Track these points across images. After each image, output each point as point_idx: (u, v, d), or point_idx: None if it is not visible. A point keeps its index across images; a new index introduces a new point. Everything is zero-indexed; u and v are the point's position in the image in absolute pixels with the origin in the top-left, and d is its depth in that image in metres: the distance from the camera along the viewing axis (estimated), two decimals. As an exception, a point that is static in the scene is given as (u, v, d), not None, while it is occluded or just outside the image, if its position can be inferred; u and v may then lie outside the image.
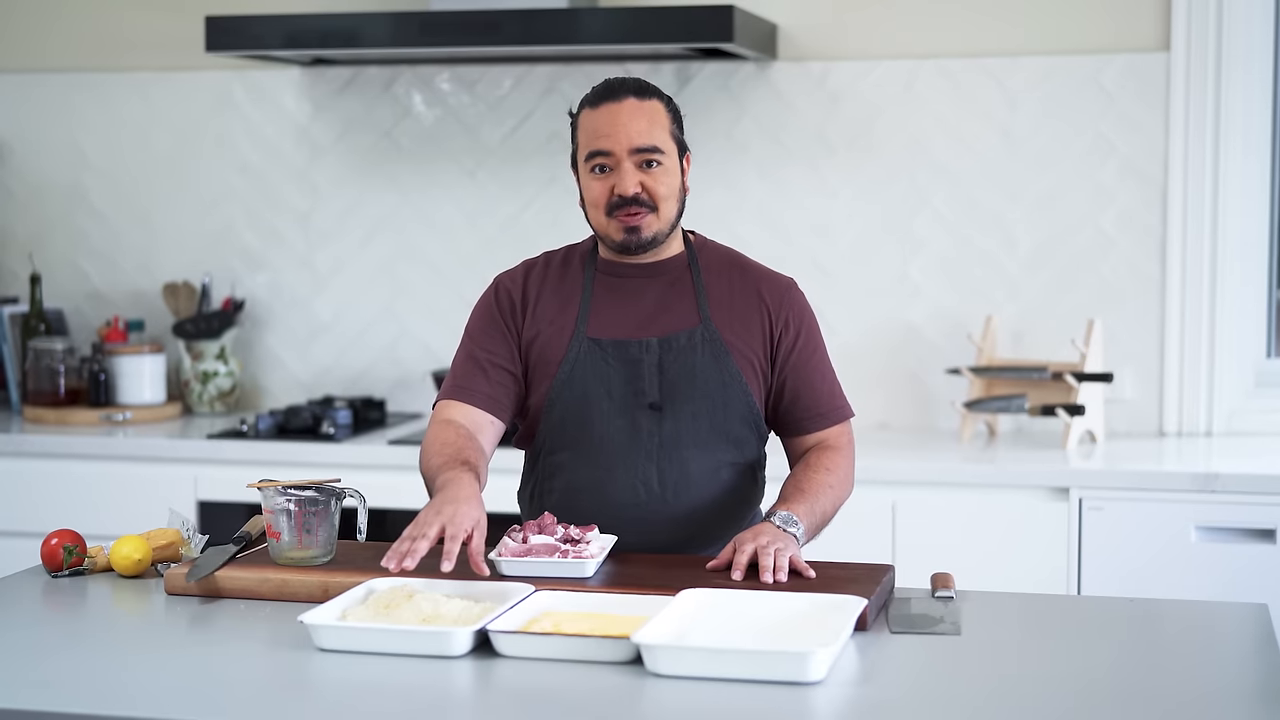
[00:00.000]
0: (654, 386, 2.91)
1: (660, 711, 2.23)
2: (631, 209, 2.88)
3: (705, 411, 2.91)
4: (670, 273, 2.98)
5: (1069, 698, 2.25)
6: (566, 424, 2.94)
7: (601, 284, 2.99)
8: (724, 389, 2.91)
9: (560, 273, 3.02)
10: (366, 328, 5.00)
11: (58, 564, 2.89)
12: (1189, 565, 3.91)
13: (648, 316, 2.94)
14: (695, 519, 2.93)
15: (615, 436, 2.92)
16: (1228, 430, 4.50)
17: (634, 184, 2.87)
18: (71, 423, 4.76)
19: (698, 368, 2.90)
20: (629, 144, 2.86)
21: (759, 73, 4.69)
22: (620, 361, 2.92)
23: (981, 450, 4.31)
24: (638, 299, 2.96)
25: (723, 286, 2.97)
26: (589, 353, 2.93)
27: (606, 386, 2.92)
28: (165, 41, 5.03)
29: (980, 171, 4.60)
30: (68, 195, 5.16)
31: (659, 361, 2.90)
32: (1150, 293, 4.52)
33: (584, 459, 2.94)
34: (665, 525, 2.92)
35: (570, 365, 2.93)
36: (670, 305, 2.89)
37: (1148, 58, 4.47)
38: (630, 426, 2.91)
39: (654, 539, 2.91)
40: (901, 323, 4.66)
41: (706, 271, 2.98)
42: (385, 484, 4.19)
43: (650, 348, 2.92)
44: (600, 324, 2.95)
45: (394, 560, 2.61)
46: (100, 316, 5.12)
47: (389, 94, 4.92)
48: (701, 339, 2.92)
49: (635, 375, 2.92)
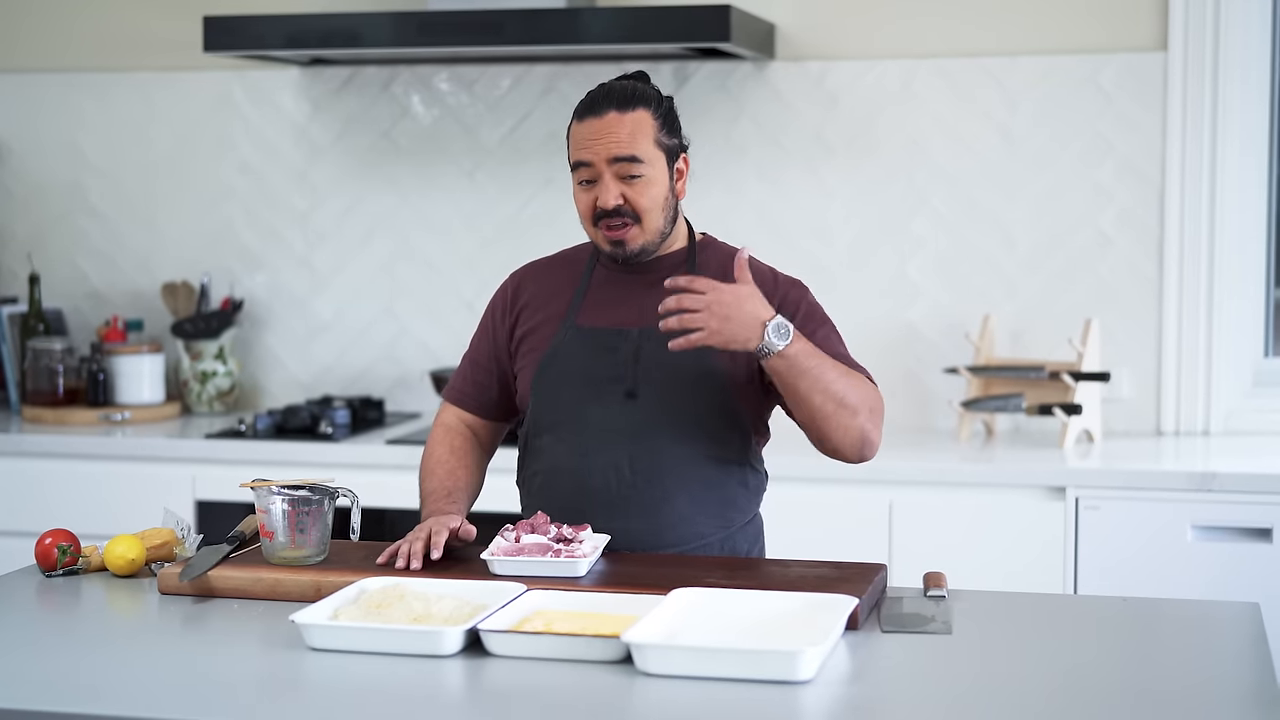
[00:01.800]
0: (630, 374, 2.93)
1: (650, 710, 2.23)
2: (613, 221, 2.90)
3: (677, 401, 2.91)
4: (666, 268, 2.99)
5: (1057, 696, 2.25)
6: (548, 408, 2.99)
7: (600, 276, 3.03)
8: (698, 380, 2.91)
9: (566, 267, 3.08)
10: (365, 328, 5.01)
11: (51, 563, 2.90)
12: (1185, 564, 3.91)
13: (636, 308, 2.96)
14: (668, 509, 2.92)
15: (591, 421, 2.94)
16: (1225, 430, 4.50)
17: (614, 196, 2.88)
18: (70, 422, 4.77)
19: (671, 357, 2.89)
20: (607, 154, 2.87)
21: (757, 73, 4.69)
22: (600, 349, 2.95)
23: (979, 450, 4.31)
24: (629, 292, 2.99)
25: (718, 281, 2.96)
26: (573, 339, 2.97)
27: (586, 372, 2.95)
28: (164, 42, 5.03)
29: (978, 171, 4.60)
30: (67, 195, 5.17)
31: (636, 350, 2.92)
32: (1148, 292, 4.52)
33: (563, 443, 2.97)
34: (637, 512, 2.92)
35: (554, 350, 2.98)
36: (658, 298, 2.90)
37: (1145, 57, 4.47)
38: (605, 413, 2.94)
39: (628, 525, 2.91)
40: (900, 322, 4.66)
41: (704, 268, 2.98)
42: (382, 483, 4.21)
43: (629, 337, 2.94)
44: (590, 314, 2.99)
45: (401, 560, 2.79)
46: (99, 316, 5.13)
47: (387, 94, 4.93)
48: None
49: (613, 363, 2.94)
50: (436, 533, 2.81)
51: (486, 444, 3.15)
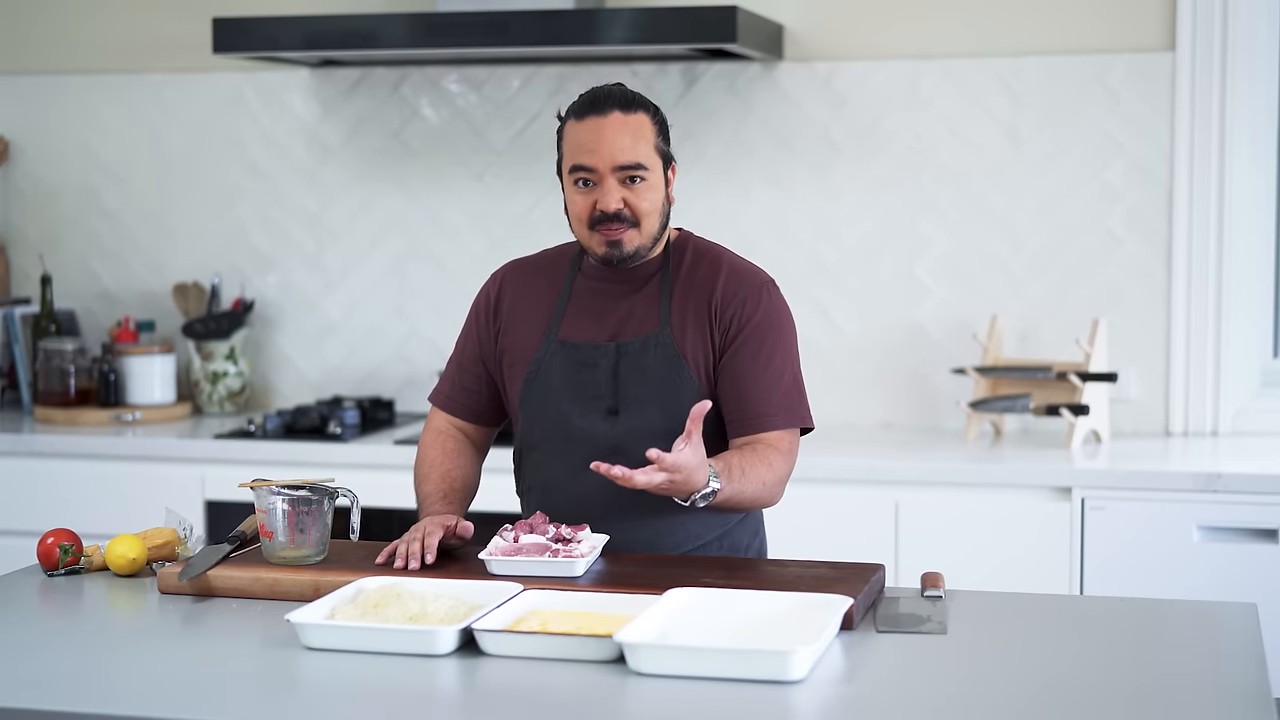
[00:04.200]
0: (610, 390, 2.92)
1: (642, 710, 2.24)
2: (613, 225, 2.89)
3: (658, 415, 2.90)
4: (644, 278, 2.98)
5: (1045, 696, 2.25)
6: (536, 424, 2.99)
7: (581, 287, 3.01)
8: (677, 393, 2.90)
9: (546, 273, 3.06)
10: (375, 328, 5.03)
11: (53, 563, 2.91)
12: (1191, 565, 3.91)
13: (616, 321, 2.96)
14: (663, 517, 2.92)
15: (578, 438, 2.94)
16: (1234, 430, 4.49)
17: (616, 200, 2.87)
18: (81, 423, 4.79)
19: (649, 372, 2.90)
20: (612, 161, 2.86)
21: (765, 73, 4.70)
22: (580, 365, 2.95)
23: (985, 450, 4.31)
24: (609, 303, 2.98)
25: (688, 287, 2.96)
26: (556, 354, 2.97)
27: (569, 389, 2.95)
28: (176, 43, 5.05)
29: (986, 172, 4.60)
30: (79, 196, 5.19)
31: (615, 366, 2.92)
32: (1156, 293, 4.51)
33: (553, 459, 2.98)
34: (633, 523, 2.92)
35: (537, 365, 2.98)
36: (637, 310, 2.90)
37: (1153, 58, 4.47)
38: (590, 428, 2.93)
39: (624, 536, 2.91)
40: (907, 322, 4.66)
41: (677, 273, 2.97)
42: (390, 483, 4.22)
43: (607, 352, 2.94)
44: (571, 327, 2.98)
45: (399, 560, 2.81)
46: (111, 317, 5.15)
47: (397, 95, 4.94)
48: (656, 343, 2.91)
49: (593, 379, 2.94)
50: (430, 534, 2.81)
51: (479, 444, 3.15)
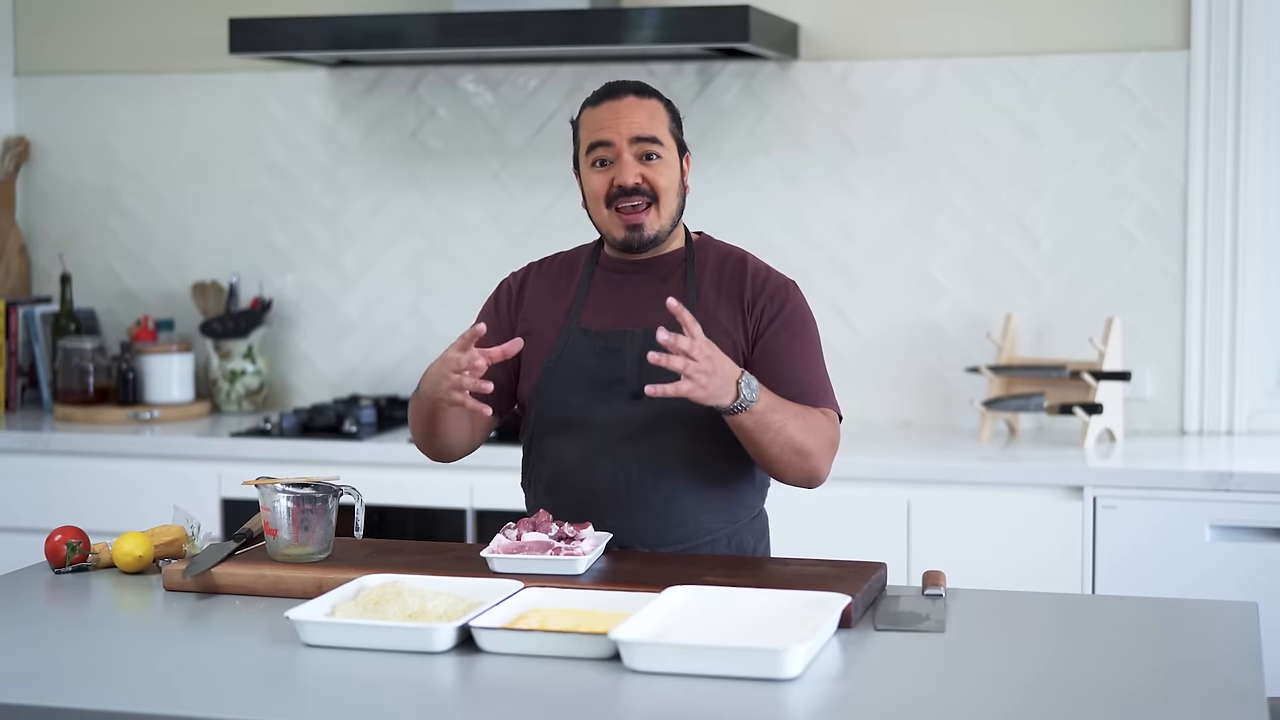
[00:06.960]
0: (634, 375, 2.93)
1: (637, 707, 2.25)
2: (632, 199, 2.92)
3: (683, 401, 2.91)
4: (666, 268, 3.01)
5: (1039, 693, 2.25)
6: (553, 409, 2.99)
7: (600, 278, 3.05)
8: None
9: (564, 269, 3.10)
10: (393, 326, 5.04)
11: (61, 560, 2.94)
12: (1202, 564, 3.90)
13: (638, 309, 2.98)
14: (675, 507, 2.94)
15: (597, 422, 2.95)
16: (1249, 429, 4.48)
17: (634, 174, 2.92)
18: (100, 421, 4.82)
19: None
20: (629, 133, 2.93)
21: (780, 72, 4.70)
22: (604, 350, 2.97)
23: (999, 449, 4.31)
24: (631, 292, 3.01)
25: (716, 280, 3.00)
26: (577, 341, 2.99)
27: (591, 374, 2.97)
28: (194, 44, 5.08)
29: (1001, 170, 4.59)
30: (98, 196, 5.22)
31: (640, 351, 2.92)
32: (1171, 291, 4.50)
33: (569, 444, 2.98)
34: (645, 512, 2.94)
35: (558, 353, 2.99)
36: (661, 298, 2.91)
37: (1168, 56, 4.46)
38: (612, 413, 2.95)
39: (635, 524, 2.93)
40: (923, 321, 4.66)
41: (702, 267, 3.01)
42: (405, 482, 4.24)
43: (634, 338, 2.95)
44: (592, 315, 3.01)
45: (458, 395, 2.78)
46: (131, 316, 5.18)
47: (414, 94, 4.96)
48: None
49: (618, 364, 2.95)
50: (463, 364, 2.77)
51: (480, 430, 3.07)
